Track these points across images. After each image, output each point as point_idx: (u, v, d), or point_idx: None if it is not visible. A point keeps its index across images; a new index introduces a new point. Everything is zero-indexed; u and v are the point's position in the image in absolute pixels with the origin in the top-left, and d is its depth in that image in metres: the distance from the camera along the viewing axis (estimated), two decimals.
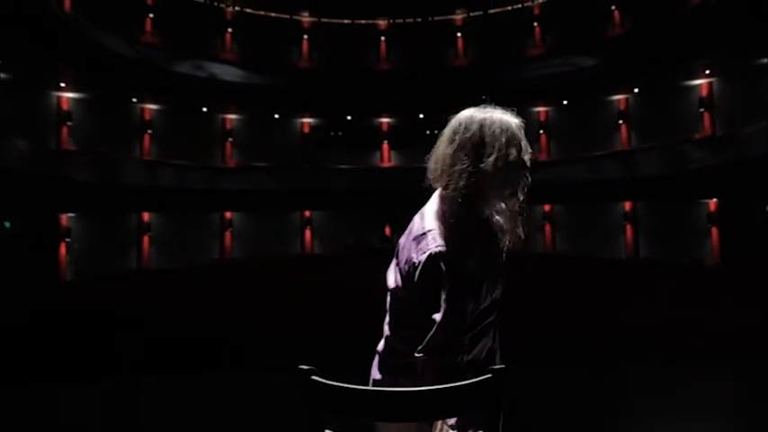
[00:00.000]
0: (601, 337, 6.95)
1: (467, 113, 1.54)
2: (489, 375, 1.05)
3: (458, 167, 1.45)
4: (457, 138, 1.49)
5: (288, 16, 20.45)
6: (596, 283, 11.60)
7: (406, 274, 1.44)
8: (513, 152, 1.50)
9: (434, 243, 1.38)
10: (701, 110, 16.39)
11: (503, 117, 1.54)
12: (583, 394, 5.04)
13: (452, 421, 1.25)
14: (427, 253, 1.37)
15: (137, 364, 6.19)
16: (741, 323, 7.50)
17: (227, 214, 19.39)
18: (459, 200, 1.44)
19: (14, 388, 5.37)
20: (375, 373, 1.51)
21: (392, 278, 1.53)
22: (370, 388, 1.32)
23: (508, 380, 1.07)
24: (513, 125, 1.54)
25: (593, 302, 9.29)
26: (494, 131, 1.49)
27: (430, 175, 1.53)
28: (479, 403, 1.09)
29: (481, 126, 1.49)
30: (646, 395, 4.89)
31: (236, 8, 19.83)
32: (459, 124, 1.52)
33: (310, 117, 20.58)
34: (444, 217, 1.45)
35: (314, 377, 1.13)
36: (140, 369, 6.03)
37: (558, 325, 7.63)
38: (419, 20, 20.97)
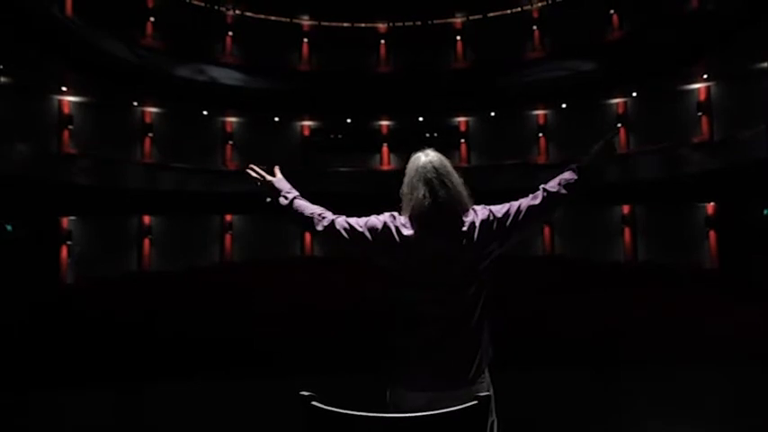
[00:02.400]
0: (599, 341, 7.01)
1: (434, 158, 2.14)
2: (476, 402, 1.12)
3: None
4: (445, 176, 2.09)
5: (288, 19, 20.52)
6: (595, 285, 11.66)
7: (482, 229, 1.96)
8: None
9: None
10: (699, 113, 16.45)
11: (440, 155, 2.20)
12: (582, 398, 5.09)
13: None
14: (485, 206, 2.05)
15: (138, 366, 6.24)
16: (739, 326, 7.55)
17: (228, 217, 19.45)
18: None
19: (15, 391, 5.42)
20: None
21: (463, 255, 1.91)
22: (367, 414, 1.39)
23: (491, 405, 1.14)
24: None
25: (592, 305, 9.35)
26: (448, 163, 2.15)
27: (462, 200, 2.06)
28: (468, 428, 1.16)
29: (446, 164, 2.15)
30: (645, 399, 4.94)
31: (237, 12, 19.91)
32: (438, 167, 2.10)
33: (310, 120, 20.65)
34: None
35: (314, 403, 1.20)
36: (142, 372, 6.08)
37: (557, 328, 7.69)
38: (419, 23, 21.04)
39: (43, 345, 7.15)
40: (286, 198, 2.26)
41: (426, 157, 2.10)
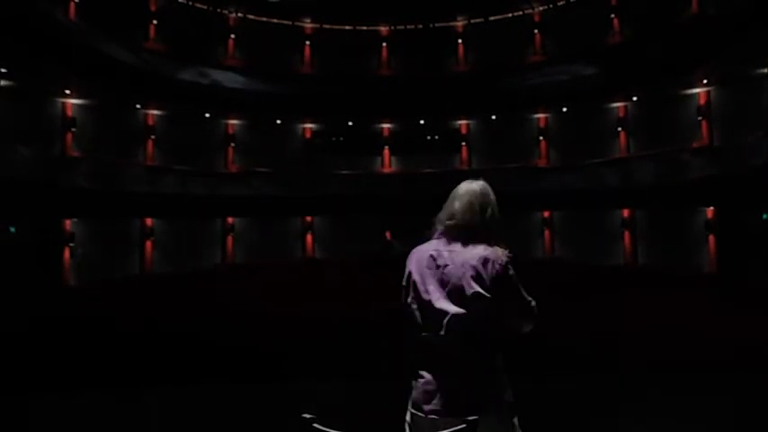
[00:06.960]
0: (598, 346, 7.05)
1: (477, 185, 2.12)
2: (464, 426, 1.18)
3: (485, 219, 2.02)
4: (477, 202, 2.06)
5: (290, 22, 20.59)
6: (594, 289, 11.70)
7: (494, 276, 1.93)
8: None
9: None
10: (699, 118, 16.49)
11: (487, 186, 2.15)
12: (579, 404, 5.13)
13: None
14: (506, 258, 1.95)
15: (139, 370, 6.29)
16: (737, 331, 7.59)
17: (229, 219, 19.52)
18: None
19: (18, 394, 5.46)
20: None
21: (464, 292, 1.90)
22: None
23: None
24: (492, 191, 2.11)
25: (591, 310, 9.40)
26: (491, 197, 2.11)
27: (462, 222, 2.02)
28: None
29: (485, 194, 2.09)
30: (643, 405, 4.97)
31: (239, 15, 19.98)
32: (474, 193, 2.08)
33: (312, 123, 20.71)
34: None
35: (315, 425, 1.27)
36: (143, 375, 6.13)
37: (555, 332, 7.74)
38: (420, 26, 21.12)
39: (45, 347, 7.21)
40: None
41: (472, 183, 2.14)
